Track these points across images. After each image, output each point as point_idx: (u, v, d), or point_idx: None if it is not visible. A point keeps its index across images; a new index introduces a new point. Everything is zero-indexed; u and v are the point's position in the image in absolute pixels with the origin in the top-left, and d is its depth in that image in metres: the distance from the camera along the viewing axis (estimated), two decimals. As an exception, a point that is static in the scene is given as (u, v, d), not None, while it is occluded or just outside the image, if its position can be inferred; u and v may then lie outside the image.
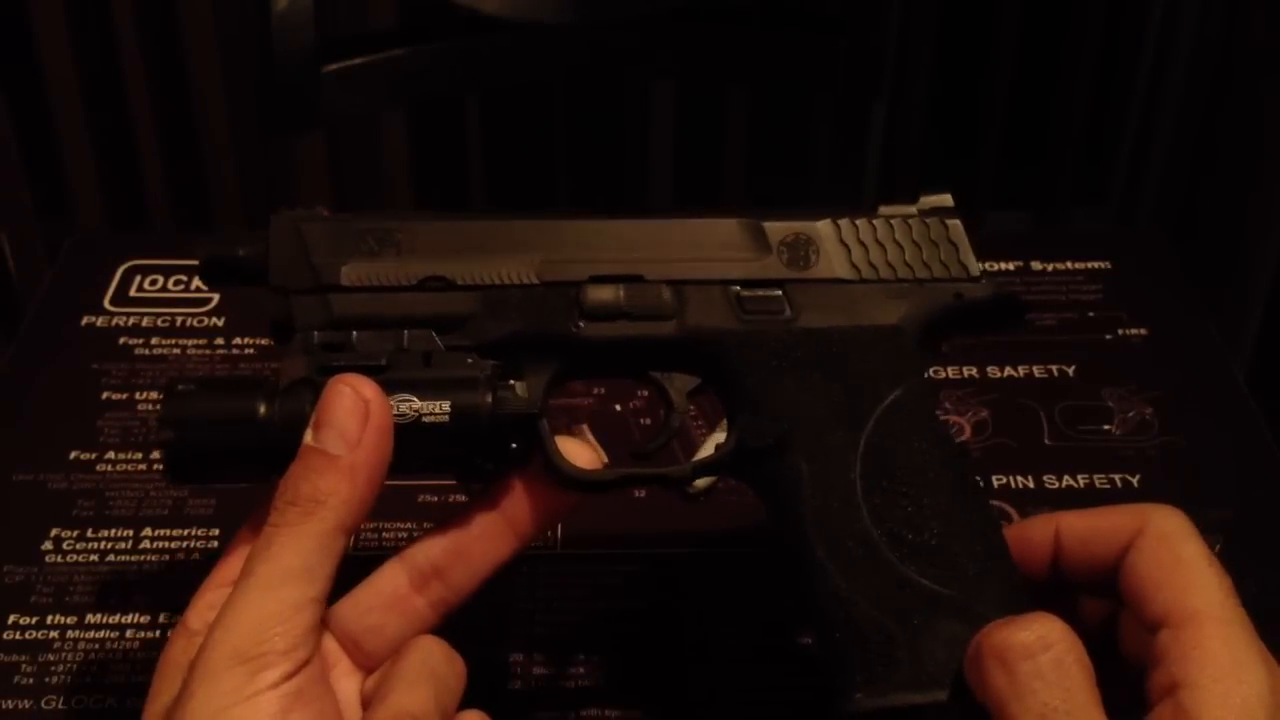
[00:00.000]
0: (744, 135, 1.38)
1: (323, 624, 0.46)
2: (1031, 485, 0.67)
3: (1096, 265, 0.80)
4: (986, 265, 0.53)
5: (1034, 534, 0.49)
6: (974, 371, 0.73)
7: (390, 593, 0.49)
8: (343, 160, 1.33)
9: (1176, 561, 0.45)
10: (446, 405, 0.48)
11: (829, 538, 0.48)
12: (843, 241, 0.52)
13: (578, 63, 1.06)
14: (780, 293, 0.52)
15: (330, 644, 0.48)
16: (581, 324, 0.51)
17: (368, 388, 0.46)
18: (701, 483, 0.65)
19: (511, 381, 0.49)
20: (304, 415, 0.47)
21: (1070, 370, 0.73)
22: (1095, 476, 0.67)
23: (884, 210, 0.53)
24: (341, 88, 1.01)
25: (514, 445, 0.49)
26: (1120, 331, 0.76)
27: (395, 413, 0.47)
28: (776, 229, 0.52)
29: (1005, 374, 0.73)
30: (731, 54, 1.09)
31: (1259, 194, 1.40)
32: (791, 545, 0.49)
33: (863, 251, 0.52)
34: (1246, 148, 1.41)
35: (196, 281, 0.77)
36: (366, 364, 0.48)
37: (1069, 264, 0.80)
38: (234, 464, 0.48)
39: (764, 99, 1.36)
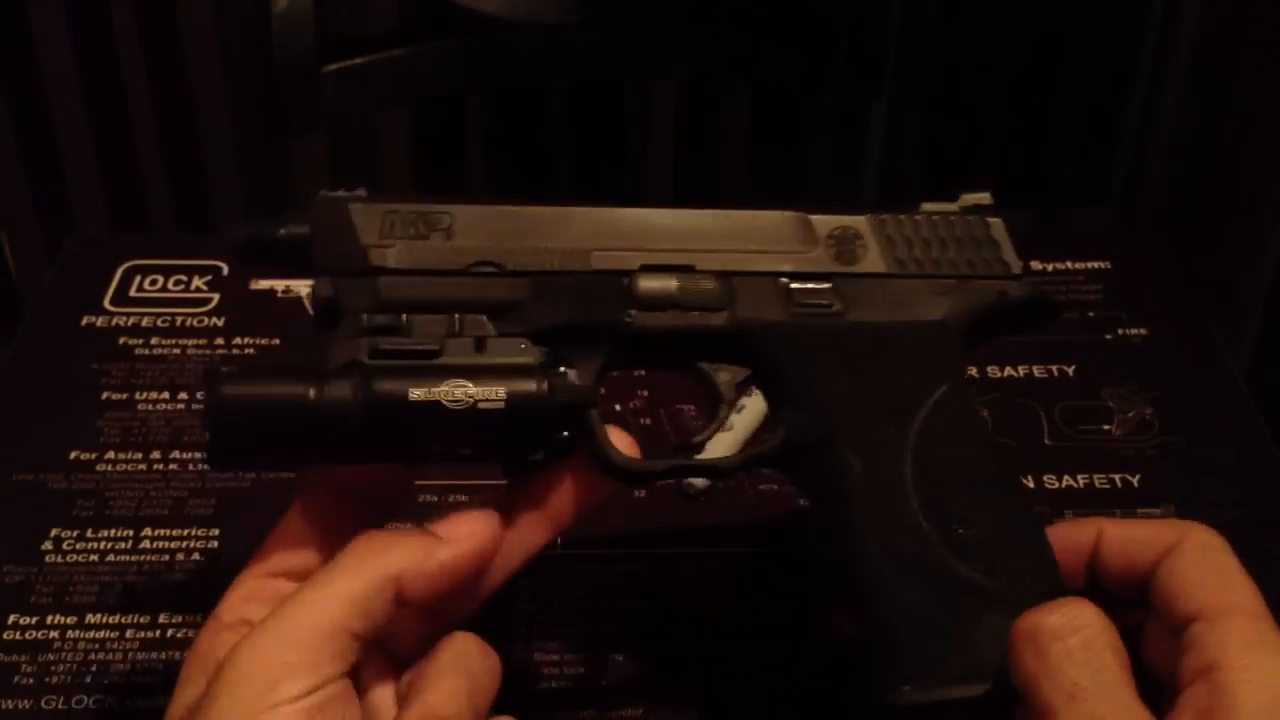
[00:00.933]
0: (744, 135, 1.38)
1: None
2: (1031, 485, 0.67)
3: (1096, 265, 0.80)
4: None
5: (1075, 536, 0.49)
6: (974, 371, 0.73)
7: None
8: (343, 160, 1.33)
9: (1215, 566, 0.46)
10: (502, 391, 0.47)
11: (881, 531, 0.48)
12: (888, 237, 0.52)
13: (578, 62, 1.06)
14: (829, 286, 0.52)
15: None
16: (633, 313, 0.50)
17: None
18: (700, 482, 0.65)
19: (563, 369, 0.49)
20: (352, 399, 0.46)
21: (1070, 370, 0.73)
22: (1095, 476, 0.67)
23: (926, 207, 0.54)
24: (341, 88, 1.01)
25: (565, 434, 0.49)
26: (1120, 331, 0.76)
27: (451, 399, 0.47)
28: (823, 223, 0.52)
29: (1005, 374, 0.73)
30: (731, 54, 1.09)
31: (1259, 194, 1.40)
32: (841, 539, 0.49)
33: (907, 247, 0.52)
34: (1247, 148, 1.40)
35: (197, 281, 0.78)
36: (419, 348, 0.48)
37: (1069, 264, 0.80)
38: (280, 449, 0.47)
39: (764, 99, 1.36)
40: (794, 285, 0.51)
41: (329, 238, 0.49)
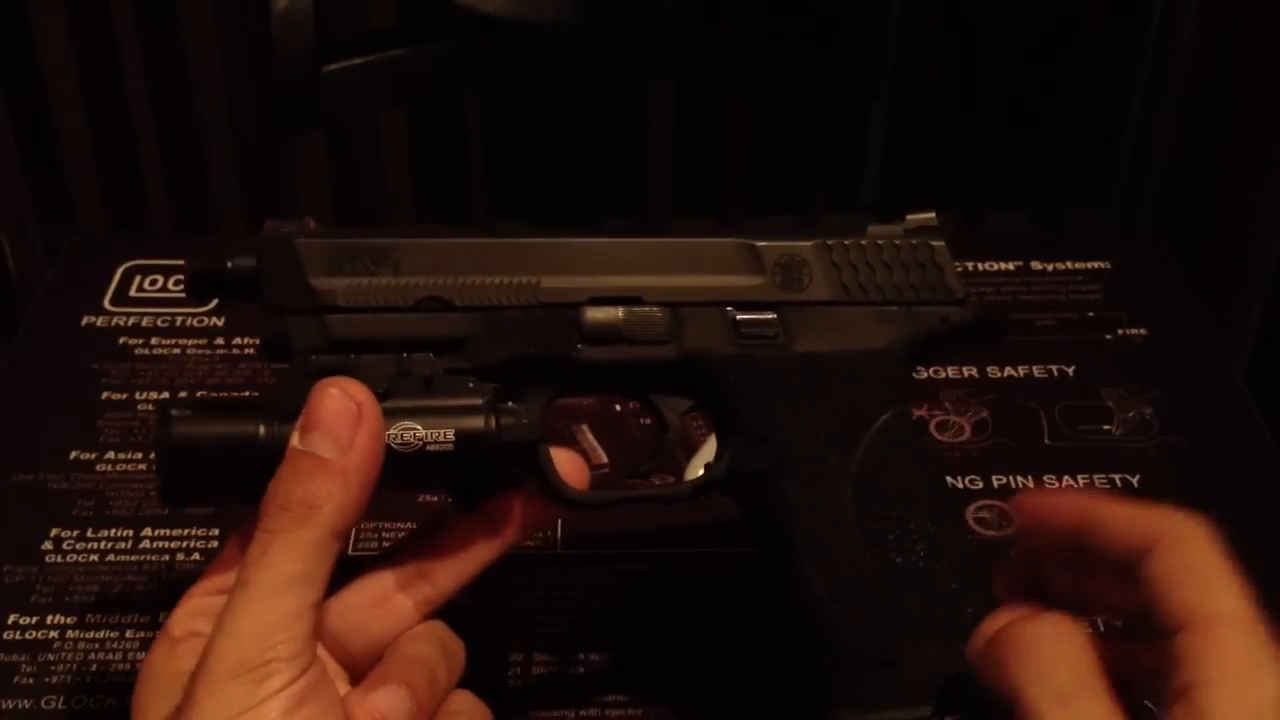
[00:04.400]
0: (744, 135, 1.38)
1: None
2: (1031, 485, 0.67)
3: (1096, 265, 0.80)
4: (987, 265, 0.53)
5: (1063, 506, 0.49)
6: (974, 371, 0.73)
7: (376, 592, 0.49)
8: (343, 160, 1.33)
9: (1200, 565, 0.45)
10: (451, 434, 0.48)
11: (821, 562, 0.49)
12: (834, 263, 0.52)
13: (578, 62, 1.06)
14: (774, 315, 0.52)
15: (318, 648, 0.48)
16: (580, 347, 0.50)
17: (358, 390, 0.46)
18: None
19: (512, 404, 0.49)
20: None
21: (1070, 370, 0.73)
22: (1095, 476, 0.67)
23: (873, 231, 0.53)
24: (341, 88, 1.01)
25: (513, 470, 0.49)
26: (1120, 331, 0.76)
27: (399, 441, 0.47)
28: (770, 250, 0.52)
29: (1005, 374, 0.73)
30: (731, 54, 1.09)
31: (1259, 194, 1.40)
32: (782, 568, 0.50)
33: (853, 274, 0.52)
34: (1246, 148, 1.41)
35: (196, 281, 0.77)
36: None
37: (1069, 264, 0.80)
38: (230, 487, 0.47)
39: (764, 99, 1.36)
40: (740, 316, 0.51)
41: (276, 274, 0.49)
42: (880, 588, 0.49)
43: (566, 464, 0.51)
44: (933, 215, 0.54)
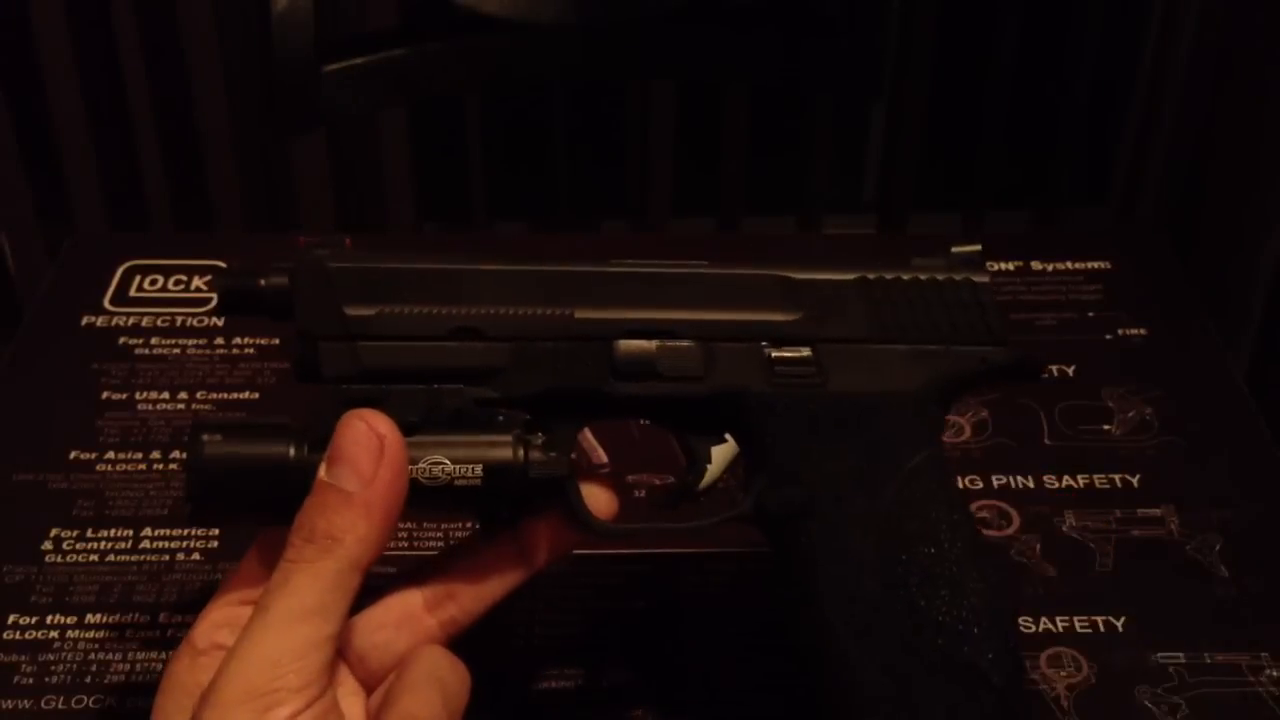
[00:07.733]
0: (744, 135, 1.38)
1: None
2: (1031, 485, 0.67)
3: (1096, 265, 0.80)
4: (987, 265, 0.53)
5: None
6: (974, 371, 0.73)
7: (402, 611, 0.49)
8: (343, 160, 1.33)
9: None
10: (479, 469, 0.48)
11: (843, 602, 0.48)
12: (874, 300, 0.52)
13: (577, 63, 1.06)
14: (809, 353, 0.51)
15: (337, 662, 0.48)
16: (612, 381, 0.50)
17: (382, 423, 0.46)
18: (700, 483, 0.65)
19: (541, 437, 0.49)
20: None
21: (1070, 370, 0.73)
22: (1095, 476, 0.67)
23: (916, 264, 0.52)
24: (341, 88, 1.01)
25: (539, 501, 0.50)
26: (1120, 331, 0.76)
27: (427, 476, 0.47)
28: (807, 285, 0.51)
29: (1005, 374, 0.73)
30: (731, 54, 1.09)
31: (1259, 194, 1.40)
32: (803, 605, 0.49)
33: (892, 311, 0.51)
34: (1247, 148, 1.41)
35: (197, 281, 0.78)
36: (397, 422, 0.48)
37: (1069, 264, 0.80)
38: (260, 508, 0.48)
39: (764, 98, 1.36)
40: (774, 353, 0.51)
41: (309, 299, 0.49)
42: (900, 630, 0.48)
43: (596, 497, 0.51)
44: (979, 248, 0.53)
